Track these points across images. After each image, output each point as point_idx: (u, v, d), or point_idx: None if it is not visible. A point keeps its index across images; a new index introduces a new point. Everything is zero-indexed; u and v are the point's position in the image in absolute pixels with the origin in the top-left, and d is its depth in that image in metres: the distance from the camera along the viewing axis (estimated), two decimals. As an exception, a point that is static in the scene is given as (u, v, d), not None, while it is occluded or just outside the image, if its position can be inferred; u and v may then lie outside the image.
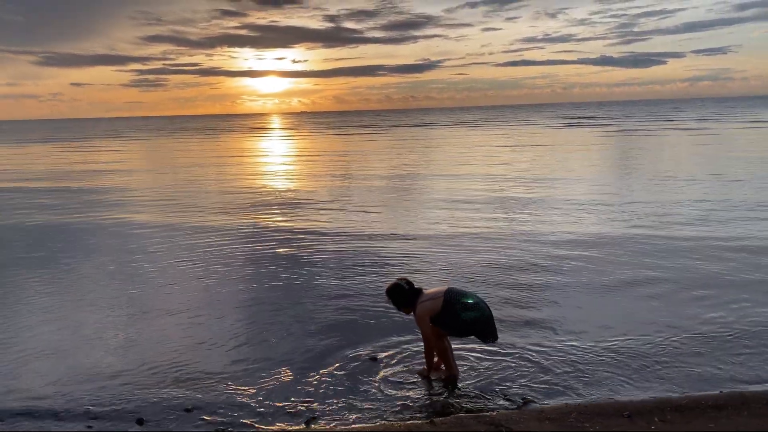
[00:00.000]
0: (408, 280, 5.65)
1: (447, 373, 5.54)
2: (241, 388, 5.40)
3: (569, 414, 4.74)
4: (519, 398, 5.10)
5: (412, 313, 5.59)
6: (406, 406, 5.05)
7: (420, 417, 4.86)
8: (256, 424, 4.82)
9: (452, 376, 5.51)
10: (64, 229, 12.90)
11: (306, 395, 5.26)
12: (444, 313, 5.33)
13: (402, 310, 5.71)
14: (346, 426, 4.76)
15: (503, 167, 23.16)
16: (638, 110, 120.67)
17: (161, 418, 4.92)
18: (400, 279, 5.69)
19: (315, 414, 4.95)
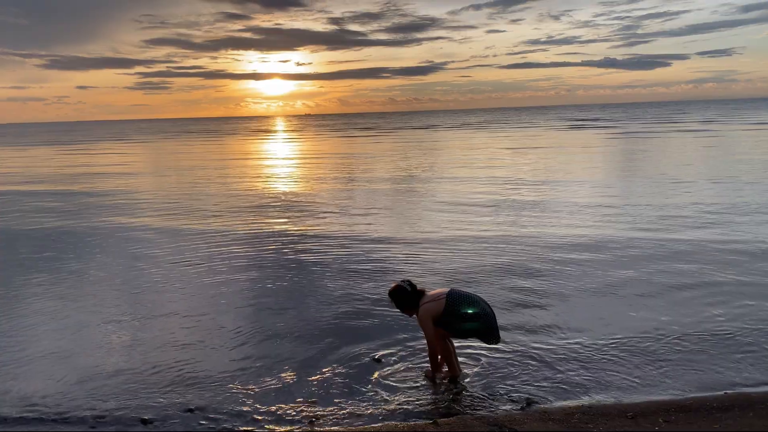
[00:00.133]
0: (411, 282, 5.64)
1: (450, 373, 5.54)
2: (244, 388, 5.41)
3: (573, 415, 4.74)
4: (523, 399, 5.09)
5: (415, 314, 5.59)
6: (409, 407, 5.04)
7: (423, 418, 4.85)
8: (259, 424, 4.82)
9: (455, 377, 5.51)
10: (67, 232, 12.92)
11: (309, 396, 5.26)
12: (446, 314, 5.33)
13: (405, 312, 5.70)
14: (349, 427, 4.76)
15: (507, 170, 23.12)
16: (642, 112, 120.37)
17: (165, 419, 4.93)
18: (403, 281, 5.68)
19: (318, 415, 4.95)
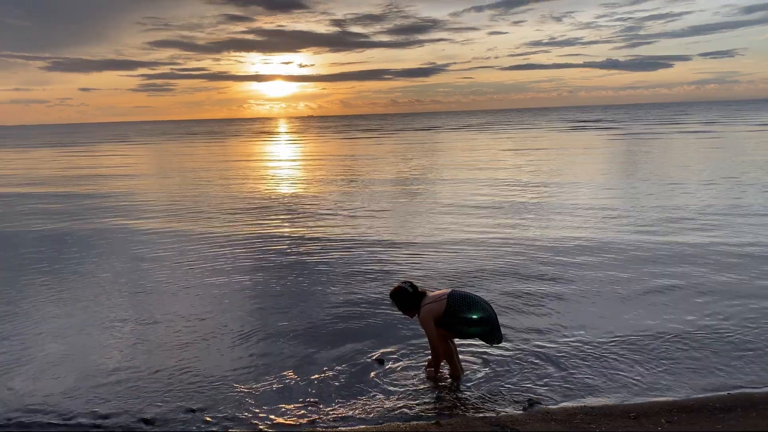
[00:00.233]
0: (412, 283, 5.64)
1: (452, 374, 5.54)
2: (246, 388, 5.42)
3: (575, 415, 4.73)
4: (525, 399, 5.08)
5: (416, 316, 5.60)
6: (411, 408, 5.04)
7: (425, 418, 4.85)
8: (261, 424, 4.83)
9: (457, 377, 5.51)
10: (70, 235, 12.92)
11: (311, 396, 5.26)
12: (447, 315, 5.33)
13: (406, 313, 5.71)
14: (351, 427, 4.76)
15: (509, 171, 23.09)
16: (645, 113, 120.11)
17: (167, 419, 4.94)
18: (404, 282, 5.69)
19: (320, 415, 4.95)
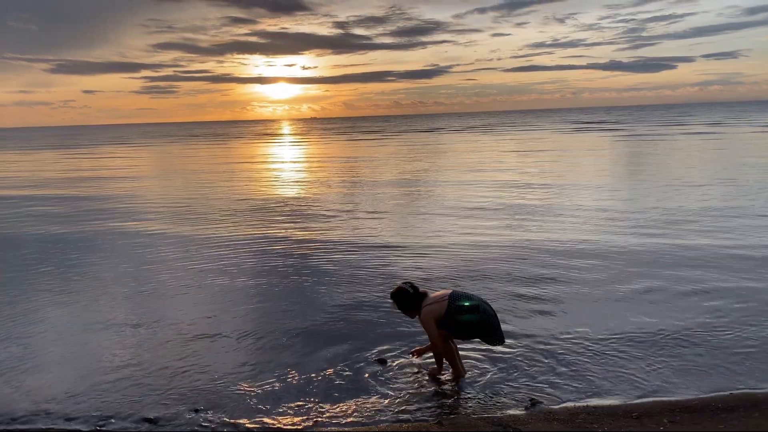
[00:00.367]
0: (413, 284, 5.66)
1: (454, 373, 5.55)
2: (249, 388, 5.43)
3: (578, 415, 4.73)
4: (527, 399, 5.08)
5: (417, 316, 5.61)
6: (413, 407, 5.05)
7: (428, 418, 4.86)
8: (263, 424, 4.84)
9: (459, 377, 5.52)
10: (72, 237, 12.93)
11: (314, 396, 5.28)
12: (448, 316, 5.35)
13: (407, 314, 5.73)
14: (353, 427, 4.77)
15: (512, 173, 23.01)
16: (648, 115, 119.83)
17: (171, 418, 4.96)
18: (405, 282, 5.71)
19: (322, 414, 4.96)
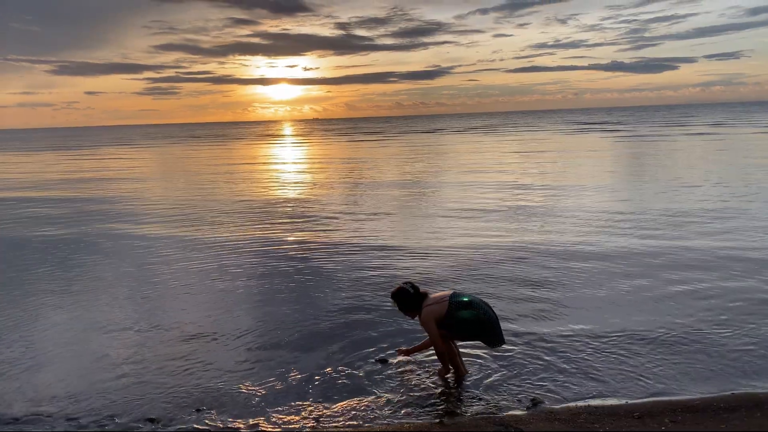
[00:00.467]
0: (413, 284, 5.67)
1: (456, 373, 5.55)
2: (251, 388, 5.43)
3: (579, 414, 4.73)
4: (529, 399, 5.08)
5: (417, 317, 5.61)
6: (415, 407, 5.05)
7: (429, 417, 4.86)
8: (265, 424, 4.84)
9: (461, 377, 5.52)
10: (74, 239, 12.85)
11: (316, 396, 5.28)
12: (448, 317, 5.35)
13: (407, 314, 5.73)
14: (355, 426, 4.77)
15: (514, 175, 22.91)
16: (650, 115, 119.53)
17: (172, 418, 4.96)
18: (405, 283, 5.71)
19: (324, 414, 4.96)
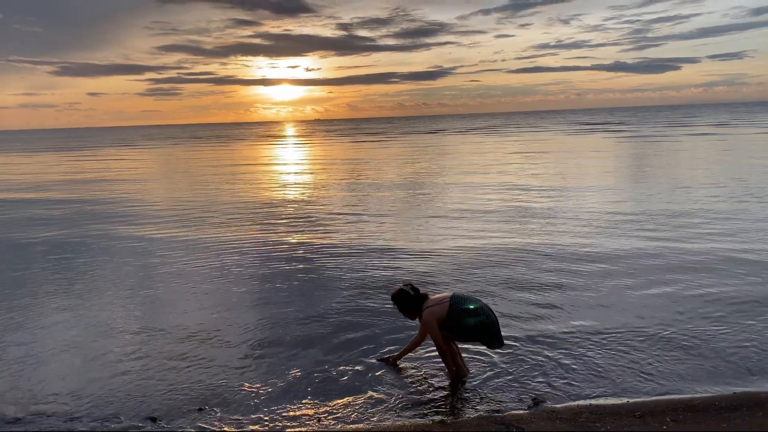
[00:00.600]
0: (413, 286, 5.67)
1: (457, 373, 5.55)
2: (252, 388, 5.44)
3: (581, 414, 4.73)
4: (530, 398, 5.09)
5: (417, 318, 5.62)
6: (416, 406, 5.06)
7: (431, 417, 4.87)
8: (267, 423, 4.85)
9: (462, 377, 5.52)
10: (75, 240, 12.85)
11: (317, 394, 5.29)
12: (450, 318, 5.35)
13: (407, 316, 5.74)
14: (356, 426, 4.78)
15: (516, 176, 22.86)
16: (653, 116, 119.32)
17: (174, 417, 4.97)
18: (406, 284, 5.71)
19: (325, 414, 4.97)
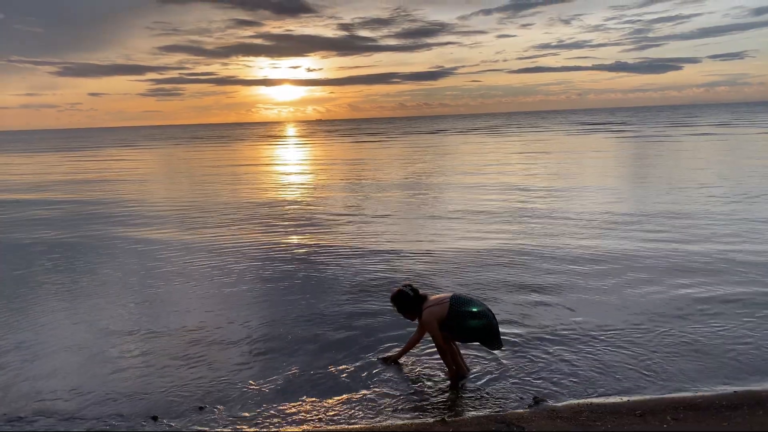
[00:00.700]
0: (413, 287, 5.68)
1: (457, 373, 5.56)
2: (253, 387, 5.45)
3: (581, 412, 4.73)
4: (531, 397, 5.09)
5: (417, 319, 5.63)
6: (417, 405, 5.06)
7: (431, 416, 4.87)
8: (268, 422, 4.86)
9: (463, 376, 5.53)
10: (77, 241, 12.85)
11: (318, 394, 5.30)
12: (450, 318, 5.36)
13: (406, 316, 5.75)
14: (357, 424, 4.79)
15: (517, 176, 22.80)
16: (654, 116, 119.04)
17: (175, 416, 4.99)
18: (405, 285, 5.72)
19: (326, 412, 4.98)
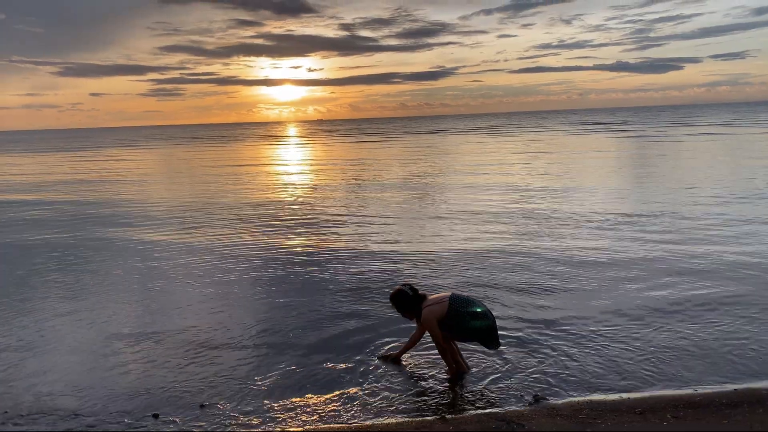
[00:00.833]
0: (411, 286, 5.69)
1: (457, 371, 5.57)
2: (254, 385, 5.46)
3: (581, 410, 4.74)
4: (531, 395, 5.10)
5: (416, 319, 5.64)
6: (417, 404, 5.07)
7: (432, 414, 4.88)
8: (269, 420, 4.87)
9: (463, 374, 5.53)
10: (77, 242, 12.83)
11: (318, 393, 5.31)
12: (450, 317, 5.37)
13: (406, 316, 5.77)
14: (358, 423, 4.79)
15: (518, 177, 22.75)
16: (655, 116, 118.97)
17: (176, 414, 4.99)
18: (404, 285, 5.73)
19: (327, 411, 4.99)
